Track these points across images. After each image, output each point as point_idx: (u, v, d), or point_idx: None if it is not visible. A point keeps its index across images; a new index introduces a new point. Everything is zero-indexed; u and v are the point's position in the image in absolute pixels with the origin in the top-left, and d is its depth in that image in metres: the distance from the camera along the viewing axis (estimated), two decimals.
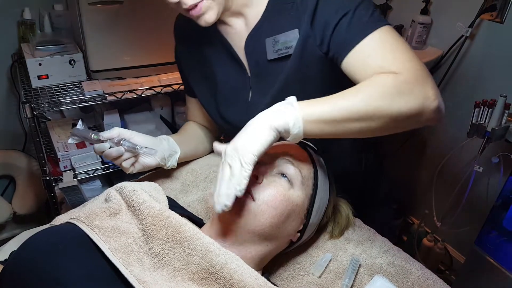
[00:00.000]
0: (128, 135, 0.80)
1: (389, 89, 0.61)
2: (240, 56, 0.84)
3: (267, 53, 0.79)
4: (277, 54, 0.78)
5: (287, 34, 0.76)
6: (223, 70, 0.87)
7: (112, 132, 0.78)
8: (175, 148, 0.90)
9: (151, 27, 1.36)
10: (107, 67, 1.36)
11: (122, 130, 0.80)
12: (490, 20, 1.43)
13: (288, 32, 0.75)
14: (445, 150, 1.57)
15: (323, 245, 0.80)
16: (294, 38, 0.75)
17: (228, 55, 0.85)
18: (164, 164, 0.87)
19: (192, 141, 0.99)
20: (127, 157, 0.80)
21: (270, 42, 0.78)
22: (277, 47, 0.77)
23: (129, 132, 0.81)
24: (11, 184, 1.70)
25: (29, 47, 1.33)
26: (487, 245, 1.30)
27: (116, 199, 0.68)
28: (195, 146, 1.00)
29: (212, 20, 0.75)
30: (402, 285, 0.71)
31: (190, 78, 0.95)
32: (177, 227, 0.61)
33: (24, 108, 1.16)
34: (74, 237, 0.60)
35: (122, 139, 0.78)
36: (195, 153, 1.00)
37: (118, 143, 0.78)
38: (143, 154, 0.81)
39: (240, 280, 0.56)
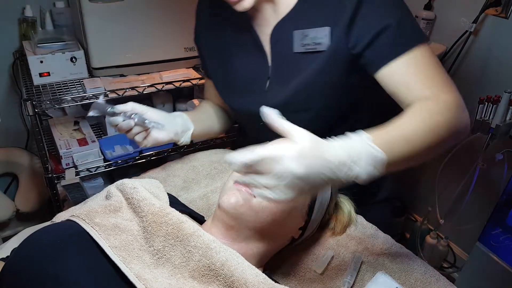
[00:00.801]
0: (140, 110, 0.82)
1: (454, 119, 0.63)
2: (264, 44, 0.82)
3: (294, 46, 0.77)
4: (304, 48, 0.76)
5: (318, 30, 0.74)
6: (242, 56, 0.86)
7: (126, 106, 0.80)
8: (189, 124, 0.91)
9: (152, 24, 1.35)
10: (109, 64, 1.36)
11: (136, 105, 0.82)
12: (495, 15, 1.41)
13: (320, 28, 0.74)
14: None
15: (325, 242, 0.79)
16: (325, 36, 0.73)
17: (251, 41, 0.83)
18: (177, 139, 0.88)
19: (207, 119, 1.00)
20: (137, 131, 0.82)
21: (299, 35, 0.76)
22: (305, 42, 0.76)
23: (143, 107, 0.82)
24: (14, 182, 1.70)
25: (31, 45, 1.33)
26: (491, 242, 1.30)
27: (117, 196, 0.68)
28: (210, 125, 1.01)
29: (249, 5, 0.74)
30: (405, 282, 0.71)
31: (208, 61, 0.94)
32: (178, 224, 0.61)
33: (26, 105, 1.16)
34: (74, 234, 0.60)
35: (134, 113, 0.80)
36: (210, 131, 1.01)
37: (130, 117, 0.80)
38: (153, 128, 0.83)
39: (240, 277, 0.55)
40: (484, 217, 1.32)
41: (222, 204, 0.65)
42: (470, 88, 1.53)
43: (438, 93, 0.66)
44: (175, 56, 1.46)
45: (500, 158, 1.40)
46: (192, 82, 1.43)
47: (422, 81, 0.67)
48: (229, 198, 0.65)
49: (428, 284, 0.71)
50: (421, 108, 0.64)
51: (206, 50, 0.95)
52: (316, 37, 0.74)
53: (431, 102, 0.64)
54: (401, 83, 0.69)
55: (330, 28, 0.72)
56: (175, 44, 1.44)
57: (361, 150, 0.54)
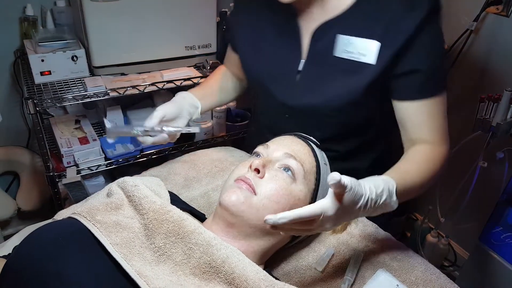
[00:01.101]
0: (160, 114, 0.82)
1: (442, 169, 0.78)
2: (302, 38, 0.82)
3: (335, 49, 0.77)
4: (346, 55, 0.77)
5: (366, 42, 0.74)
6: (277, 44, 0.85)
7: (152, 122, 0.81)
8: (196, 103, 0.93)
9: (153, 22, 1.35)
10: (110, 63, 1.36)
11: (157, 114, 0.82)
12: (496, 13, 1.41)
13: (369, 40, 0.74)
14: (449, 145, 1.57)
15: (326, 239, 0.80)
16: (372, 50, 0.74)
17: (291, 32, 0.83)
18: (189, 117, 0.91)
19: (216, 93, 1.02)
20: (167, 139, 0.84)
21: (344, 40, 0.76)
22: (350, 49, 0.76)
23: (161, 111, 0.83)
24: (15, 180, 1.71)
25: (32, 44, 1.33)
26: (492, 240, 1.30)
27: (118, 194, 0.68)
28: (220, 98, 1.03)
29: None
30: (405, 280, 0.71)
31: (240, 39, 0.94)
32: (179, 222, 0.61)
33: (27, 104, 1.16)
34: (75, 231, 0.60)
35: (162, 125, 0.82)
36: (219, 103, 1.05)
37: (160, 130, 0.81)
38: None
39: (241, 274, 0.55)
40: (485, 215, 1.32)
41: (223, 202, 0.65)
42: (471, 86, 1.53)
43: (437, 143, 0.78)
44: (176, 55, 1.46)
45: (500, 156, 1.40)
46: (193, 80, 1.43)
47: (430, 127, 0.77)
48: (230, 196, 0.65)
49: (428, 282, 0.71)
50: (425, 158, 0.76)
51: (241, 28, 0.93)
52: (363, 48, 0.75)
53: (431, 152, 0.77)
54: (413, 120, 0.78)
55: (380, 44, 0.73)
56: (176, 42, 1.44)
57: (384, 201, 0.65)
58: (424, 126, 0.77)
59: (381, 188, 0.63)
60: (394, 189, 0.66)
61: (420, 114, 0.77)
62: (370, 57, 0.74)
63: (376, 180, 0.64)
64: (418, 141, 0.78)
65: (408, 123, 0.79)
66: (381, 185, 0.64)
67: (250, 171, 0.68)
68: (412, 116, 0.78)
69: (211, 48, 1.52)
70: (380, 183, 0.64)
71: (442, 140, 0.79)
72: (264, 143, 0.76)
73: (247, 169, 0.69)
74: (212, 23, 1.48)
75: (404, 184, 0.69)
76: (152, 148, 1.47)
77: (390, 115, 0.82)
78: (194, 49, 1.48)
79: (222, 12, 1.55)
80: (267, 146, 0.75)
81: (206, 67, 1.49)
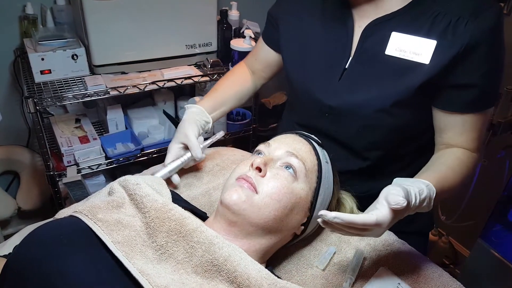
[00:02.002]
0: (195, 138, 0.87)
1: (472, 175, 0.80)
2: (353, 35, 0.80)
3: (388, 46, 0.75)
4: (399, 53, 0.74)
5: (421, 40, 0.71)
6: (326, 39, 0.83)
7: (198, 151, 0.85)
8: (207, 119, 0.93)
9: (154, 21, 1.35)
10: (110, 61, 1.36)
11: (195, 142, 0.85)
12: None
13: (425, 39, 0.71)
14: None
15: (327, 238, 0.79)
16: (428, 49, 0.71)
17: (342, 28, 0.81)
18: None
19: (230, 101, 1.00)
20: None
21: (398, 38, 0.74)
22: (403, 47, 0.73)
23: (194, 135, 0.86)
24: (15, 180, 1.71)
25: (32, 42, 1.33)
26: (492, 239, 1.30)
27: (119, 192, 0.68)
28: (233, 104, 1.02)
29: None
30: (407, 278, 0.71)
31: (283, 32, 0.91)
32: (180, 220, 0.61)
33: (27, 103, 1.16)
34: (77, 230, 0.60)
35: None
36: (231, 109, 1.03)
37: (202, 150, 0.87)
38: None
39: (243, 272, 0.55)
40: (485, 213, 1.32)
41: (224, 200, 0.65)
42: None
43: (472, 151, 0.78)
44: (177, 54, 1.46)
45: (501, 154, 1.40)
46: (194, 79, 1.43)
47: (471, 137, 0.77)
48: (231, 195, 0.65)
49: (430, 279, 0.71)
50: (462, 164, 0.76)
51: (286, 23, 0.91)
52: (417, 46, 0.72)
53: (467, 158, 0.77)
54: (456, 130, 0.77)
55: (436, 43, 0.70)
56: (176, 41, 1.44)
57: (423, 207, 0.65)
58: (465, 136, 0.77)
59: (424, 195, 0.64)
60: (434, 196, 0.66)
61: (464, 125, 0.76)
62: (425, 57, 0.71)
63: (420, 186, 0.64)
64: (454, 146, 0.78)
65: (449, 132, 0.78)
66: (424, 191, 0.64)
67: (251, 170, 0.68)
68: (455, 126, 0.77)
69: (212, 46, 1.52)
70: (424, 190, 0.64)
71: (478, 150, 0.79)
72: (266, 142, 0.76)
73: (249, 168, 0.69)
74: (213, 22, 1.48)
75: (442, 190, 0.69)
76: (153, 147, 1.47)
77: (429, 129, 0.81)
78: (194, 47, 1.48)
79: (222, 11, 1.55)
80: (268, 144, 0.74)
81: (207, 66, 1.49)
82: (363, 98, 0.78)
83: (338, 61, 0.81)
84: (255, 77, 1.05)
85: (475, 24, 0.68)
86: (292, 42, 0.90)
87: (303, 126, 0.91)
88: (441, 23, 0.71)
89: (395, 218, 0.61)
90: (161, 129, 1.55)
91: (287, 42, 0.91)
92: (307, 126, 0.89)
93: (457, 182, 0.74)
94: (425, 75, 0.72)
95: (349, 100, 0.80)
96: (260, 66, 1.02)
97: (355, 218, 0.58)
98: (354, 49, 0.80)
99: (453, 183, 0.73)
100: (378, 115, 0.78)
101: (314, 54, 0.85)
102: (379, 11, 0.77)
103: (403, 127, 0.81)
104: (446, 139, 0.79)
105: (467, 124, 0.76)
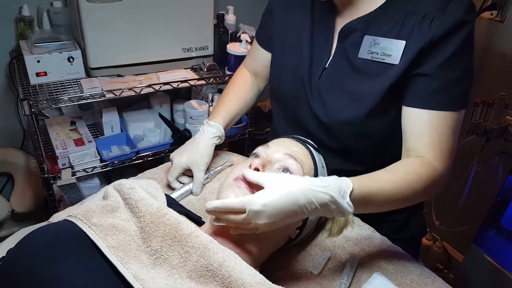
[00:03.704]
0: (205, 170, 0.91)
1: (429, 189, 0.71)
2: (335, 36, 0.81)
3: (360, 50, 0.75)
4: (370, 56, 0.74)
5: (392, 42, 0.72)
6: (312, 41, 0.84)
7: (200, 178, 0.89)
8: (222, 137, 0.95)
9: (150, 24, 1.35)
10: (106, 64, 1.35)
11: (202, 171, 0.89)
12: (490, 19, 1.43)
13: (395, 40, 0.71)
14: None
15: (322, 243, 0.80)
16: (397, 49, 0.71)
17: (326, 30, 0.82)
18: None
19: (241, 112, 1.02)
20: None
21: (369, 41, 0.74)
22: (374, 49, 0.74)
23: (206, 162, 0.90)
24: (9, 182, 1.69)
25: (28, 44, 1.33)
26: (486, 244, 1.31)
27: (114, 196, 0.67)
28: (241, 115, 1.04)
29: None
30: (401, 283, 0.71)
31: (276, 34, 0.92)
32: (175, 225, 0.61)
33: (22, 105, 1.16)
34: (71, 234, 0.60)
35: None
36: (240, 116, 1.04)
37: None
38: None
39: (238, 277, 0.55)
40: (479, 218, 1.33)
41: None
42: None
43: (435, 160, 0.71)
44: (173, 57, 1.46)
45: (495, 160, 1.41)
46: (190, 82, 1.43)
47: (433, 141, 0.71)
48: (228, 194, 0.65)
49: (424, 285, 0.71)
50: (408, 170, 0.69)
51: (278, 24, 0.92)
52: (387, 48, 0.72)
53: (419, 165, 0.70)
54: (414, 128, 0.73)
55: (405, 43, 0.70)
56: (173, 44, 1.44)
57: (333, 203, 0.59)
58: (423, 137, 0.71)
59: (328, 183, 0.59)
60: (349, 190, 0.60)
61: (422, 123, 0.72)
62: (395, 58, 0.72)
63: (328, 177, 0.61)
64: (413, 153, 0.73)
65: (408, 130, 0.74)
66: (330, 181, 0.60)
67: None
68: (414, 123, 0.73)
69: (208, 50, 1.52)
70: (330, 180, 0.60)
71: (440, 159, 0.71)
72: (265, 144, 0.76)
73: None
74: (209, 25, 1.49)
75: (369, 190, 0.63)
76: (148, 150, 1.47)
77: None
78: (191, 51, 1.48)
79: (219, 15, 1.55)
80: (267, 146, 0.75)
81: (203, 69, 1.49)
82: (335, 104, 0.79)
83: (320, 59, 0.82)
84: (258, 79, 1.05)
85: (440, 20, 0.68)
86: (282, 38, 0.91)
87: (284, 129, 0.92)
88: (410, 22, 0.71)
89: (276, 204, 0.57)
90: (157, 132, 1.55)
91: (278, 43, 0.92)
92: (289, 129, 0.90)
93: (399, 187, 0.67)
94: (394, 76, 0.72)
95: (326, 103, 0.80)
96: (261, 66, 1.02)
97: (226, 200, 0.58)
98: (334, 50, 0.81)
99: (390, 187, 0.66)
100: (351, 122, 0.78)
101: (301, 52, 0.85)
102: (355, 13, 0.77)
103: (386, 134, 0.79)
104: (406, 142, 0.74)
105: (426, 123, 0.71)
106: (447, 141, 0.72)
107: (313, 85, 0.82)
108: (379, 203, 0.66)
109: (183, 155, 0.90)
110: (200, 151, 0.89)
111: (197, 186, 0.88)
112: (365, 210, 0.67)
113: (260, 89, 1.06)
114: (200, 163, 0.88)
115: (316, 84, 0.82)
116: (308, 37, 0.84)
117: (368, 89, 0.75)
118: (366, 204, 0.64)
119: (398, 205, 0.70)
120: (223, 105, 0.98)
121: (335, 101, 0.79)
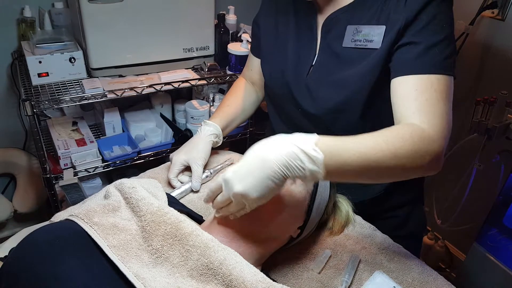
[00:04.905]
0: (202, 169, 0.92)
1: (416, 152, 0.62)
2: (318, 31, 0.82)
3: (344, 40, 0.77)
4: (354, 44, 0.76)
5: (373, 28, 0.74)
6: (297, 39, 0.86)
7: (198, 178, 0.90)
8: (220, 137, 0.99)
9: (151, 24, 1.36)
10: (107, 64, 1.36)
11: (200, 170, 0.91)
12: (491, 17, 1.42)
13: (375, 26, 0.73)
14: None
15: (323, 241, 0.80)
16: (378, 34, 0.73)
17: (309, 26, 0.83)
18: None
19: (239, 117, 1.06)
20: None
21: (351, 30, 0.76)
22: (357, 37, 0.75)
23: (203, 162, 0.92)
24: (12, 182, 1.70)
25: (29, 45, 1.33)
26: (488, 243, 1.30)
27: (115, 196, 0.68)
28: (240, 121, 1.07)
29: None
30: (402, 281, 0.71)
31: (263, 40, 0.95)
32: (176, 224, 0.61)
33: (24, 106, 1.16)
34: (72, 234, 0.60)
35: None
36: (238, 125, 1.08)
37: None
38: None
39: (239, 276, 0.55)
40: (481, 217, 1.33)
41: None
42: (466, 89, 1.54)
43: (422, 123, 0.65)
44: (174, 57, 1.46)
45: (496, 159, 1.41)
46: (191, 82, 1.44)
47: (420, 106, 0.66)
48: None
49: (425, 283, 0.71)
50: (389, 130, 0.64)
51: (264, 29, 0.94)
52: (369, 34, 0.74)
53: (402, 127, 0.65)
54: (402, 98, 0.69)
55: (385, 28, 0.72)
56: (174, 45, 1.44)
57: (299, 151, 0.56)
58: (409, 102, 0.67)
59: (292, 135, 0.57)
60: (314, 137, 0.57)
61: (408, 89, 0.68)
62: (376, 42, 0.73)
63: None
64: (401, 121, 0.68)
65: (395, 101, 0.70)
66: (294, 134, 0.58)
67: None
68: (400, 92, 0.70)
69: (209, 50, 1.53)
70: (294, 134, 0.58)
71: (428, 122, 0.65)
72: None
73: None
74: (210, 26, 1.49)
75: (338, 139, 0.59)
76: (150, 150, 1.47)
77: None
78: (192, 51, 1.49)
79: (220, 15, 1.56)
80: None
81: (204, 69, 1.50)
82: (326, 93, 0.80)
83: (306, 58, 0.84)
84: (256, 88, 1.08)
85: None
86: (268, 42, 0.93)
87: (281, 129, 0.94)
88: (388, 6, 0.72)
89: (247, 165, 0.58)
90: (158, 132, 1.55)
91: (266, 46, 0.94)
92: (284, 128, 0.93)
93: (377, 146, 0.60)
94: (377, 58, 0.73)
95: (316, 97, 0.81)
96: (256, 74, 1.04)
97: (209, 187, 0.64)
98: (318, 46, 0.82)
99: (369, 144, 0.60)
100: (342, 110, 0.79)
101: (287, 53, 0.87)
102: (335, 5, 0.79)
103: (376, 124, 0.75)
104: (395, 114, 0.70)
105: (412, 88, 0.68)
106: (436, 105, 0.66)
107: (301, 83, 0.84)
108: (355, 158, 0.58)
109: (181, 153, 0.92)
110: (198, 148, 0.92)
111: (195, 180, 0.89)
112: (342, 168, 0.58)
113: (259, 96, 1.09)
114: (198, 158, 0.91)
115: (304, 81, 0.84)
116: (293, 38, 0.86)
117: (353, 74, 0.76)
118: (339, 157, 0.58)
119: (382, 169, 0.60)
120: (221, 109, 1.03)
121: (323, 92, 0.81)
